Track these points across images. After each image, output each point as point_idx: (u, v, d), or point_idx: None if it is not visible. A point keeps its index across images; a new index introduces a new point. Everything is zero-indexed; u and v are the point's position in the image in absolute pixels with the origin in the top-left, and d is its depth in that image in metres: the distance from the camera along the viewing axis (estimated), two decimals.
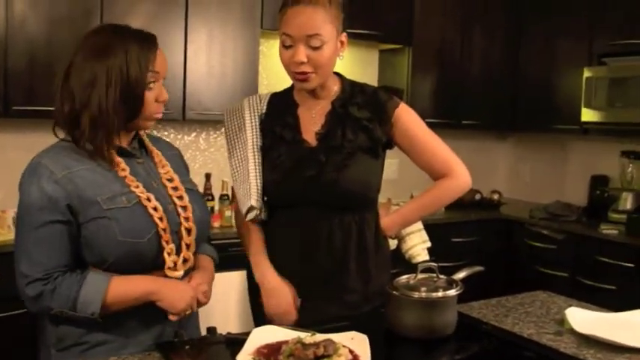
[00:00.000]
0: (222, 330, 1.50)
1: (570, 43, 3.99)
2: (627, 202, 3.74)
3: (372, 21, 3.71)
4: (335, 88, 1.74)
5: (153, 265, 1.46)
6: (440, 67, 4.12)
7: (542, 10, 4.20)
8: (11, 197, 1.48)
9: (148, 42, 1.46)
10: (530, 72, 4.30)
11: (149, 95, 1.45)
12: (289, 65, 1.63)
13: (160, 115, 1.51)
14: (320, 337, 1.32)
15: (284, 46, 1.63)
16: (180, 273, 1.49)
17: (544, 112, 4.18)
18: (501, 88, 4.38)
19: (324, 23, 1.59)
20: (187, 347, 1.41)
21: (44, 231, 1.38)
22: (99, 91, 1.40)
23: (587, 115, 3.79)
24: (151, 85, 1.45)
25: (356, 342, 1.33)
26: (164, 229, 1.45)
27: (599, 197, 3.94)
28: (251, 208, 1.69)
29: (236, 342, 1.37)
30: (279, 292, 1.68)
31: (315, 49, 1.59)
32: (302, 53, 1.59)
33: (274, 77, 3.75)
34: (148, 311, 1.45)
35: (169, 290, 1.45)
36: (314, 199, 1.66)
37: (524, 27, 4.32)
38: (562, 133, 4.19)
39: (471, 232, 3.98)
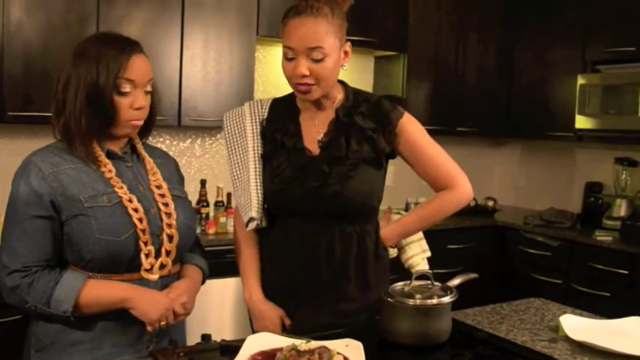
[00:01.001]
0: (216, 337, 1.50)
1: (564, 51, 4.01)
2: (621, 208, 3.76)
3: (367, 28, 3.73)
4: (339, 96, 1.71)
5: (130, 266, 1.48)
6: (435, 74, 4.13)
7: (537, 18, 4.22)
8: (6, 203, 1.49)
9: (123, 48, 1.47)
10: (525, 79, 4.32)
11: (122, 101, 1.46)
12: (291, 78, 1.61)
13: (137, 123, 1.51)
14: (315, 344, 1.32)
15: (286, 59, 1.60)
16: (156, 277, 1.51)
17: (538, 119, 4.19)
18: (496, 95, 4.40)
19: (326, 35, 1.57)
20: (181, 354, 1.40)
21: (28, 225, 1.42)
22: (70, 95, 1.44)
23: (582, 122, 3.81)
24: (125, 91, 1.46)
25: (351, 349, 1.33)
26: (143, 230, 1.47)
27: (594, 204, 3.96)
28: (251, 219, 1.68)
29: (230, 349, 1.37)
30: (266, 315, 1.70)
31: (317, 61, 1.57)
32: (303, 66, 1.57)
33: (270, 84, 3.77)
34: (126, 314, 1.47)
35: (143, 299, 1.47)
36: (315, 209, 1.65)
37: (519, 34, 4.34)
38: (556, 140, 4.20)
39: (465, 238, 3.99)
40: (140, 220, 1.47)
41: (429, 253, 1.84)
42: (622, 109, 3.58)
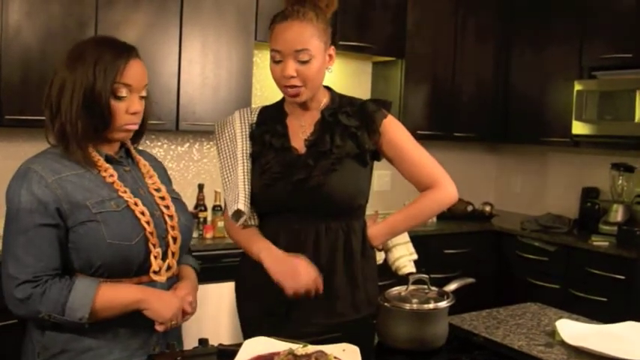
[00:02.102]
0: (214, 341, 1.50)
1: (561, 57, 4.03)
2: (618, 214, 3.77)
3: (365, 33, 3.74)
4: (324, 100, 1.77)
5: (140, 269, 1.48)
6: (432, 80, 4.14)
7: (534, 24, 4.23)
8: (3, 207, 1.48)
9: (121, 53, 1.46)
10: (522, 85, 4.33)
11: (118, 106, 1.46)
12: (280, 80, 1.68)
13: (132, 127, 1.51)
14: (312, 348, 1.32)
15: (274, 62, 1.67)
16: (164, 278, 1.52)
17: (535, 124, 4.20)
18: (493, 101, 4.41)
19: (311, 38, 1.63)
20: (179, 359, 1.41)
21: (34, 234, 1.40)
22: (66, 99, 1.43)
23: (578, 127, 3.82)
24: (121, 96, 1.46)
25: (347, 353, 1.34)
26: (151, 233, 1.48)
27: (590, 209, 3.97)
28: (240, 213, 1.70)
29: (228, 353, 1.38)
30: (292, 260, 1.63)
31: (304, 63, 1.63)
32: (291, 68, 1.63)
33: (268, 88, 3.77)
34: (136, 317, 1.46)
35: (156, 300, 1.47)
36: (301, 203, 1.68)
37: (516, 40, 4.36)
38: (553, 146, 4.22)
39: (462, 243, 3.99)
40: (148, 223, 1.48)
41: (415, 256, 1.87)
42: (618, 115, 3.60)
